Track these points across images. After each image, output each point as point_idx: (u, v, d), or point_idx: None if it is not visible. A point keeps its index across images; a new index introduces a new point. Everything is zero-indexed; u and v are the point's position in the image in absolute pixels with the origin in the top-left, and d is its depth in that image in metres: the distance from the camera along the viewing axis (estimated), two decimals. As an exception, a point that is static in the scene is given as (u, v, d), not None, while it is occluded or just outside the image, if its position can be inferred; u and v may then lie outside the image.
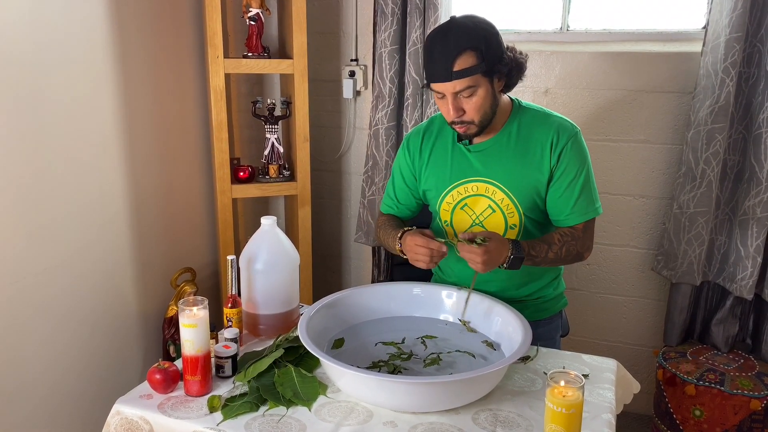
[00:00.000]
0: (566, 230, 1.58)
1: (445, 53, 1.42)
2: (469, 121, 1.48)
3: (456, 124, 1.50)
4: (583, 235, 1.58)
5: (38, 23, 1.73)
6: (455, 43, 1.41)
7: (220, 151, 2.28)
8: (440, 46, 1.43)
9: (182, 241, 2.40)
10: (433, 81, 1.46)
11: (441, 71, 1.43)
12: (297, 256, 1.60)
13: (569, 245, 1.56)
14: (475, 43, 1.41)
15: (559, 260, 1.56)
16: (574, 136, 1.54)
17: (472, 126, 1.49)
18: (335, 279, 2.92)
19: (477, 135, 1.53)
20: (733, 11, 1.96)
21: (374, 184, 2.51)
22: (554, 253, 1.54)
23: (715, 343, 2.25)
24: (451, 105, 1.45)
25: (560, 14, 2.39)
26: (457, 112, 1.46)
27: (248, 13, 2.31)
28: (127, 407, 1.27)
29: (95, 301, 2.02)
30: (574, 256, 1.58)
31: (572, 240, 1.56)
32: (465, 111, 1.47)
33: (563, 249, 1.55)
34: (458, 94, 1.45)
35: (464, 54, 1.41)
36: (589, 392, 1.31)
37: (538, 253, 1.52)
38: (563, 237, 1.56)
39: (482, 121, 1.49)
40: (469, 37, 1.42)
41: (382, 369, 1.34)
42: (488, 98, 1.47)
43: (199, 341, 1.27)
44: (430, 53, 1.46)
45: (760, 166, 2.04)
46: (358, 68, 2.58)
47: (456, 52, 1.41)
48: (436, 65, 1.44)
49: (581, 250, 1.59)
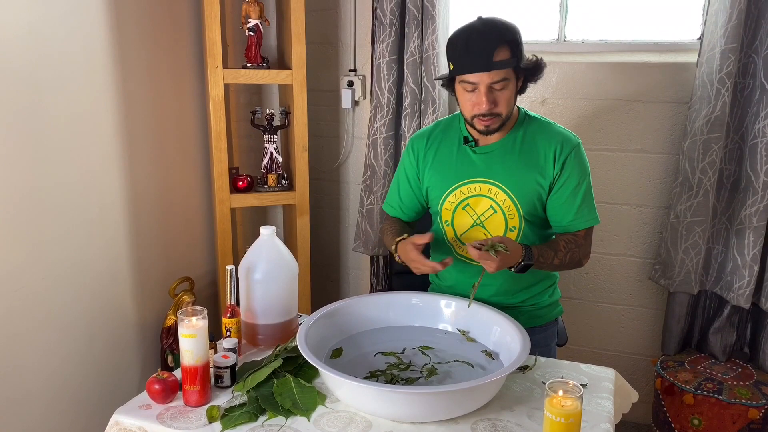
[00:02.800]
0: (570, 237, 1.62)
1: (485, 44, 1.47)
2: (498, 113, 1.52)
3: (483, 117, 1.52)
4: (584, 242, 1.63)
5: (40, 33, 1.74)
6: (495, 36, 1.48)
7: (219, 160, 2.29)
8: (479, 39, 1.48)
9: (181, 250, 2.40)
10: (470, 71, 1.49)
11: (480, 61, 1.47)
12: (296, 265, 1.60)
13: (573, 252, 1.60)
14: (511, 37, 1.49)
15: (562, 266, 1.61)
16: (576, 147, 1.60)
17: (497, 119, 1.53)
18: (333, 288, 2.92)
19: (497, 131, 1.56)
20: (728, 22, 1.98)
21: (372, 193, 2.51)
22: (559, 260, 1.59)
23: (712, 352, 2.25)
24: (486, 96, 1.49)
25: (557, 25, 2.41)
26: (490, 103, 1.50)
27: (247, 23, 2.32)
28: (126, 417, 1.27)
29: (94, 310, 2.02)
30: (575, 263, 1.63)
31: (576, 247, 1.61)
32: (496, 103, 1.51)
33: (567, 256, 1.60)
34: (492, 86, 1.49)
35: (502, 47, 1.47)
36: (588, 402, 1.31)
37: (545, 259, 1.56)
38: (568, 244, 1.60)
39: (507, 116, 1.54)
40: (506, 32, 1.49)
41: (379, 379, 1.34)
42: (514, 94, 1.54)
43: (198, 351, 1.27)
44: (465, 46, 1.50)
45: (756, 175, 2.06)
46: (356, 78, 2.60)
47: (496, 44, 1.47)
48: (474, 56, 1.48)
49: (581, 257, 1.63)
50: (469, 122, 1.58)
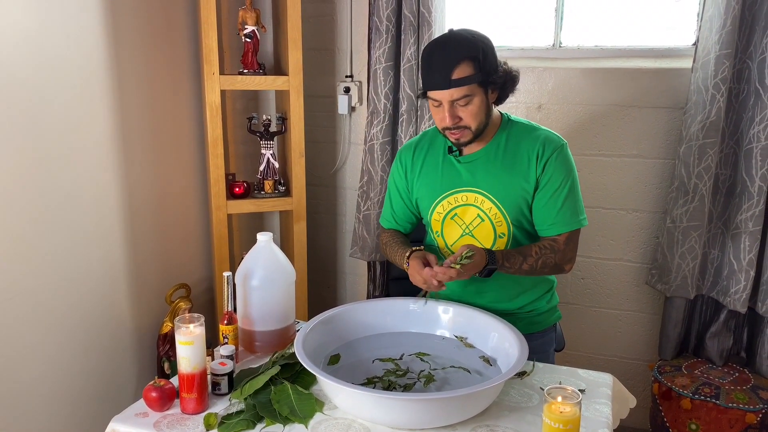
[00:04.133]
0: (546, 243, 1.60)
1: (444, 62, 1.46)
2: (465, 126, 1.52)
3: (451, 130, 1.54)
4: (564, 248, 1.60)
5: (37, 39, 1.74)
6: (454, 53, 1.46)
7: (216, 166, 2.29)
8: (439, 56, 1.48)
9: (177, 256, 2.39)
10: (431, 89, 1.50)
11: (439, 79, 1.47)
12: (293, 272, 1.60)
13: (547, 257, 1.58)
14: (473, 54, 1.46)
15: (534, 272, 1.59)
16: (560, 148, 1.58)
17: (467, 132, 1.53)
18: (330, 294, 2.92)
19: (471, 142, 1.57)
20: (722, 28, 1.99)
21: (369, 199, 2.51)
22: (529, 265, 1.57)
23: (709, 356, 2.26)
24: (448, 113, 1.50)
25: (553, 31, 2.42)
26: (453, 119, 1.51)
27: (244, 30, 2.33)
28: (122, 425, 1.26)
29: (91, 317, 2.01)
30: (552, 268, 1.60)
31: (551, 252, 1.58)
32: (461, 118, 1.51)
33: (539, 261, 1.57)
34: (455, 103, 1.49)
35: (462, 63, 1.46)
36: (586, 407, 1.31)
37: (512, 264, 1.55)
38: (541, 250, 1.58)
39: (478, 128, 1.54)
40: (468, 47, 1.47)
41: (377, 385, 1.34)
42: (483, 107, 1.52)
43: (195, 359, 1.27)
44: (428, 63, 1.51)
45: (751, 180, 2.06)
46: (353, 84, 2.60)
47: (455, 62, 1.45)
48: (435, 74, 1.48)
49: (560, 263, 1.60)
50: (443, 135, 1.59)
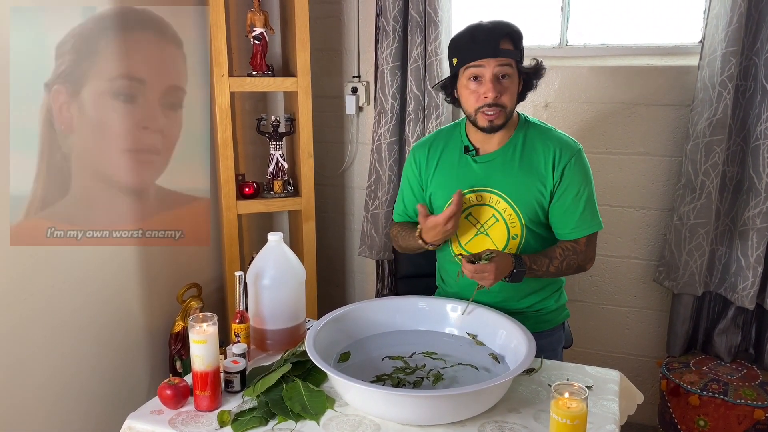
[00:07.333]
0: (568, 244, 1.62)
1: (491, 33, 1.51)
2: (503, 104, 1.53)
3: (489, 107, 1.53)
4: (585, 249, 1.63)
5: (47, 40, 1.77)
6: (499, 28, 1.53)
7: (226, 167, 2.31)
8: (485, 28, 1.53)
9: (188, 256, 2.41)
10: (477, 58, 1.52)
11: (488, 49, 1.50)
12: (303, 271, 1.62)
13: (570, 259, 1.61)
14: (514, 33, 1.54)
15: (559, 273, 1.62)
16: (576, 153, 1.60)
17: (502, 113, 1.54)
18: (339, 293, 2.94)
19: (501, 128, 1.57)
20: (728, 26, 1.99)
21: (377, 198, 2.53)
22: (555, 267, 1.59)
23: (718, 353, 2.26)
24: (492, 84, 1.51)
25: (559, 29, 2.43)
26: (496, 92, 1.52)
27: (253, 32, 2.35)
28: (138, 422, 1.29)
29: (103, 317, 2.04)
30: (576, 269, 1.64)
31: (573, 254, 1.61)
32: (501, 94, 1.53)
33: (564, 263, 1.60)
34: (497, 77, 1.51)
35: (506, 38, 1.52)
36: (593, 403, 1.32)
37: (539, 267, 1.57)
38: (565, 251, 1.60)
39: (510, 111, 1.56)
40: (509, 27, 1.54)
41: (386, 382, 1.36)
42: (515, 91, 1.56)
43: (209, 357, 1.29)
44: (471, 36, 1.54)
45: (758, 177, 2.07)
46: (360, 84, 2.62)
47: (501, 34, 1.51)
48: (481, 44, 1.51)
49: (582, 263, 1.64)
50: (472, 119, 1.58)
